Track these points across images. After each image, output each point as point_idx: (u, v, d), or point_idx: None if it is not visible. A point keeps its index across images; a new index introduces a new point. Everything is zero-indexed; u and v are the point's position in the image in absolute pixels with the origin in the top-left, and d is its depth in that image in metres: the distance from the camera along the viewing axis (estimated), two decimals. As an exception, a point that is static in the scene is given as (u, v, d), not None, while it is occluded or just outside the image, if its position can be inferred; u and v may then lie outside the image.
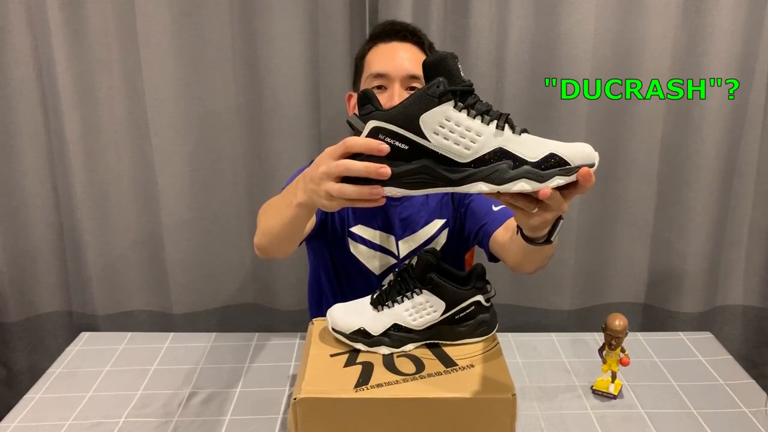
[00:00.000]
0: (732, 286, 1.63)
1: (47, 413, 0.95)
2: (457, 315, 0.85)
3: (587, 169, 0.67)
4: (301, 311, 1.60)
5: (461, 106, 0.68)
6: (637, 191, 1.56)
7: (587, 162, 0.68)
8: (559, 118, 1.48)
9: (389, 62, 1.06)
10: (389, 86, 1.05)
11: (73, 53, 1.43)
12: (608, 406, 0.96)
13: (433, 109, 0.67)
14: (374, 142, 0.67)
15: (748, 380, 1.04)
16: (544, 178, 0.67)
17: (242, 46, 1.46)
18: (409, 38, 1.08)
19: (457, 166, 0.69)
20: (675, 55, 1.46)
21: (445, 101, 0.67)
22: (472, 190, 0.69)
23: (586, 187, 0.68)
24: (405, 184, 0.69)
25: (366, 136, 0.69)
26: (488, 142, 0.68)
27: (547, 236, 0.80)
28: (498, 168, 0.68)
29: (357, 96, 0.70)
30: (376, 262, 1.17)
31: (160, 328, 1.63)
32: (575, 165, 0.67)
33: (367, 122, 0.69)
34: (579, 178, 0.67)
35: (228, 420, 0.93)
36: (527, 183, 0.67)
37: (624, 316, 0.96)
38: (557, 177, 0.67)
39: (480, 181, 0.68)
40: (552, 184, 0.67)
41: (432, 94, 0.67)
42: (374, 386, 0.76)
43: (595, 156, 0.69)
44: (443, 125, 0.68)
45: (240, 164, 1.55)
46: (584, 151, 0.68)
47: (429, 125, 0.68)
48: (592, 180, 0.67)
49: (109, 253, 1.58)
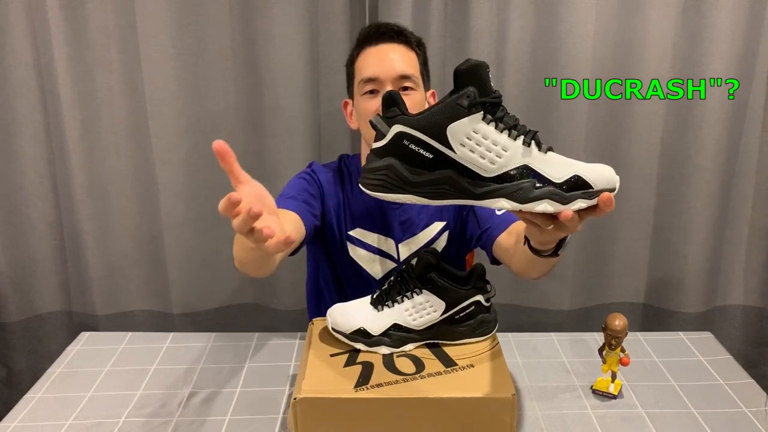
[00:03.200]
0: (732, 286, 1.63)
1: (47, 413, 0.95)
2: (457, 315, 0.85)
3: (609, 194, 0.67)
4: (301, 311, 1.60)
5: (490, 118, 0.67)
6: (637, 191, 1.56)
7: (609, 186, 0.68)
8: (559, 118, 1.48)
9: (379, 65, 1.05)
10: (381, 90, 1.05)
11: (73, 53, 1.43)
12: (608, 406, 0.96)
13: (462, 120, 0.66)
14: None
15: (748, 380, 1.04)
16: (567, 200, 0.67)
17: (242, 46, 1.46)
18: (395, 38, 1.08)
19: (480, 179, 0.68)
20: (675, 55, 1.46)
21: (474, 112, 0.66)
22: (494, 205, 0.68)
23: (605, 212, 0.67)
24: (425, 193, 0.68)
25: (390, 140, 0.68)
26: (514, 158, 0.67)
27: (555, 249, 0.81)
28: (522, 186, 0.67)
29: (382, 96, 0.69)
30: (376, 266, 1.16)
31: (160, 328, 1.63)
32: (597, 189, 0.67)
33: (392, 126, 0.68)
34: (600, 202, 0.67)
35: (228, 420, 0.93)
36: (550, 204, 0.67)
37: (624, 316, 0.96)
38: (580, 200, 0.67)
39: (503, 198, 0.67)
40: (574, 207, 0.67)
41: (461, 104, 0.66)
42: (374, 386, 0.76)
43: (616, 180, 0.69)
44: (470, 137, 0.66)
45: (240, 164, 1.55)
46: (607, 174, 0.68)
47: (456, 136, 0.66)
48: (613, 206, 0.67)
49: (109, 253, 1.58)
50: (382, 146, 0.69)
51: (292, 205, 1.04)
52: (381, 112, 0.69)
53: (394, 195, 0.69)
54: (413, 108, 1.06)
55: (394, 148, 0.68)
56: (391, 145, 0.68)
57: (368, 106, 1.06)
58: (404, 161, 0.67)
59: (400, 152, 0.67)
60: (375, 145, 0.70)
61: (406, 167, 0.67)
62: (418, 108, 1.07)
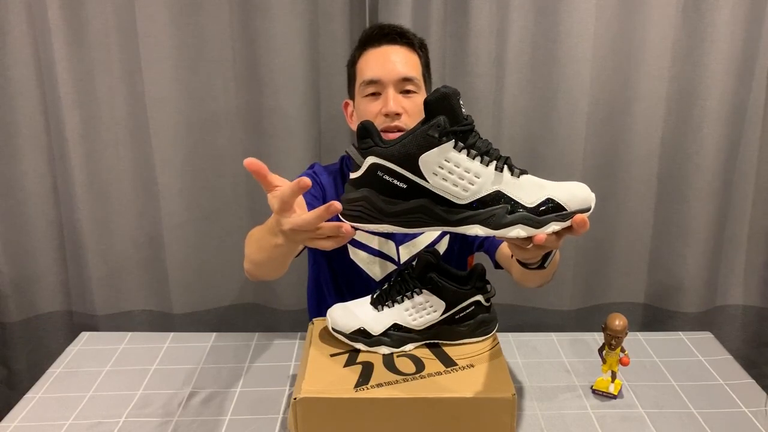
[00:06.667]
0: (732, 286, 1.63)
1: (47, 413, 0.95)
2: (457, 315, 0.85)
3: (582, 216, 0.68)
4: (301, 311, 1.60)
5: (461, 146, 0.67)
6: (637, 191, 1.56)
7: (583, 206, 0.68)
8: (559, 118, 1.47)
9: (381, 67, 1.05)
10: (383, 92, 1.05)
11: (73, 53, 1.43)
12: (608, 406, 0.96)
13: (433, 150, 0.67)
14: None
15: (748, 380, 1.04)
16: (540, 224, 0.68)
17: (242, 46, 1.46)
18: (398, 40, 1.08)
19: (454, 206, 0.69)
20: (675, 55, 1.46)
21: (445, 142, 0.67)
22: (469, 232, 0.69)
23: (579, 233, 0.68)
24: (402, 222, 0.69)
25: (364, 171, 0.69)
26: (486, 184, 0.68)
27: (540, 263, 0.82)
28: (495, 212, 0.68)
29: (357, 127, 0.70)
30: (376, 268, 1.16)
31: (160, 328, 1.63)
32: (571, 210, 0.68)
33: (366, 157, 0.69)
34: (574, 224, 0.68)
35: (228, 420, 0.93)
36: (523, 229, 0.68)
37: (624, 316, 0.96)
38: (553, 223, 0.68)
39: (477, 225, 0.69)
40: (548, 230, 0.68)
41: (432, 134, 0.66)
42: (374, 386, 0.76)
43: (591, 199, 0.69)
44: (442, 166, 0.67)
45: (240, 164, 1.55)
46: (581, 195, 0.68)
47: (428, 166, 0.67)
48: (587, 227, 0.68)
49: (109, 253, 1.58)
50: (358, 177, 0.70)
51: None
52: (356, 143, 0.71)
53: (372, 225, 0.70)
54: (416, 111, 1.06)
55: (369, 179, 0.69)
56: (366, 176, 0.69)
57: (369, 107, 1.06)
58: (379, 191, 0.69)
59: (375, 183, 0.69)
60: (351, 176, 0.71)
61: (382, 198, 0.68)
62: (420, 111, 1.07)
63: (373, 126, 0.69)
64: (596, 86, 1.47)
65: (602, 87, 1.48)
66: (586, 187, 0.69)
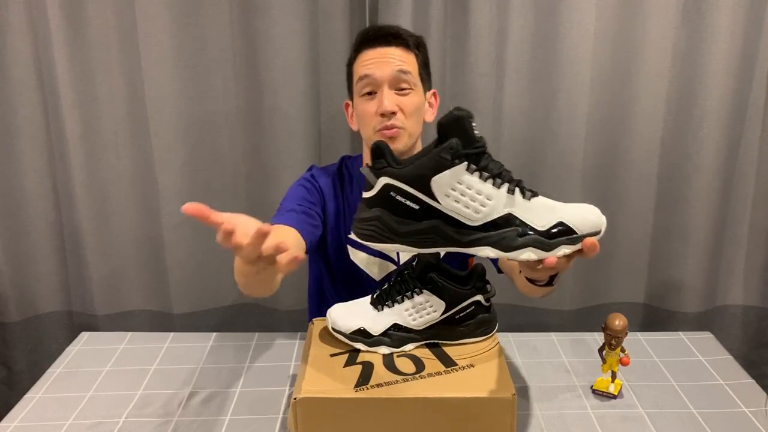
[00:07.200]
0: (732, 286, 1.63)
1: (47, 413, 0.95)
2: (457, 315, 0.85)
3: (593, 240, 0.68)
4: (301, 311, 1.60)
5: (474, 168, 0.68)
6: (637, 191, 1.56)
7: (594, 230, 0.69)
8: (559, 118, 1.47)
9: (375, 68, 1.05)
10: (378, 91, 1.05)
11: (73, 53, 1.43)
12: (608, 406, 0.96)
13: (445, 172, 0.67)
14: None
15: (748, 380, 1.04)
16: (551, 247, 0.68)
17: (242, 46, 1.46)
18: (392, 41, 1.07)
19: (466, 228, 0.69)
20: (675, 55, 1.46)
21: (458, 164, 0.67)
22: (480, 253, 0.70)
23: (590, 256, 0.69)
24: (413, 242, 0.70)
25: (377, 191, 0.69)
26: (498, 207, 0.68)
27: (549, 280, 0.83)
28: (506, 235, 0.68)
29: (371, 147, 0.70)
30: (376, 269, 1.16)
31: (160, 328, 1.63)
32: (581, 234, 0.68)
33: (379, 177, 0.69)
34: (584, 248, 0.68)
35: (228, 420, 0.93)
36: (533, 252, 0.68)
37: (624, 316, 0.96)
38: (563, 246, 0.68)
39: (488, 246, 0.69)
40: (558, 254, 0.68)
41: (445, 156, 0.67)
42: (374, 386, 0.76)
43: (602, 223, 0.70)
44: (454, 188, 0.68)
45: (240, 164, 1.55)
46: (591, 218, 0.69)
47: (440, 187, 0.68)
48: (597, 250, 0.69)
49: (109, 252, 1.58)
50: (371, 197, 0.71)
51: (292, 219, 1.04)
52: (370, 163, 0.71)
53: (384, 245, 0.71)
54: (412, 109, 1.06)
55: (382, 199, 0.70)
56: (379, 196, 0.70)
57: (366, 107, 1.06)
58: (392, 212, 0.69)
59: (388, 203, 0.70)
60: (365, 195, 0.72)
61: (394, 218, 0.69)
62: (417, 109, 1.07)
63: (387, 146, 0.70)
64: (596, 86, 1.47)
65: (602, 87, 1.48)
66: (597, 210, 0.70)
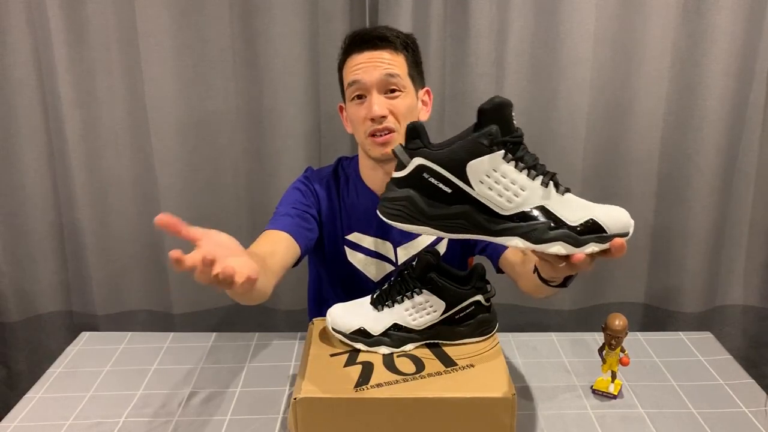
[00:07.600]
0: (732, 286, 1.63)
1: (47, 413, 0.95)
2: (457, 315, 0.85)
3: (621, 241, 0.68)
4: (301, 311, 1.60)
5: (510, 157, 0.67)
6: (637, 191, 1.56)
7: (623, 231, 0.69)
8: (559, 118, 1.47)
9: (363, 71, 1.04)
10: (368, 95, 1.04)
11: (73, 53, 1.43)
12: (608, 406, 0.96)
13: (482, 158, 0.67)
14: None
15: (748, 380, 1.04)
16: (580, 243, 0.68)
17: (242, 46, 1.46)
18: (379, 45, 1.06)
19: (497, 217, 0.69)
20: (675, 55, 1.46)
21: (495, 151, 0.67)
22: (509, 243, 0.69)
23: (616, 257, 0.68)
24: (442, 226, 0.69)
25: (410, 172, 0.69)
26: (531, 198, 0.68)
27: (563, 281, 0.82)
28: (537, 227, 0.68)
29: (406, 128, 0.70)
30: (374, 269, 1.16)
31: (160, 328, 1.63)
32: (611, 233, 0.68)
33: (413, 157, 0.68)
34: (612, 248, 0.68)
35: (228, 420, 0.93)
36: (563, 247, 0.68)
37: (624, 316, 0.96)
38: (593, 244, 0.68)
39: (517, 237, 0.68)
40: (587, 251, 0.68)
41: (483, 142, 0.66)
42: (374, 386, 0.76)
43: (630, 225, 0.70)
44: (490, 175, 0.67)
45: (240, 164, 1.55)
46: (622, 219, 0.69)
47: (475, 173, 0.67)
48: (624, 251, 0.68)
49: (109, 252, 1.58)
50: (403, 177, 0.70)
51: (287, 224, 1.04)
52: (404, 142, 0.70)
53: (411, 226, 0.70)
54: (404, 111, 1.05)
55: (414, 180, 0.69)
56: (412, 176, 0.69)
57: (356, 111, 1.06)
58: (423, 193, 0.69)
59: (420, 184, 0.69)
60: (395, 175, 0.70)
61: (425, 200, 0.68)
62: (408, 110, 1.06)
63: (423, 127, 0.69)
64: (596, 86, 1.47)
65: (602, 87, 1.48)
66: (626, 213, 0.70)
